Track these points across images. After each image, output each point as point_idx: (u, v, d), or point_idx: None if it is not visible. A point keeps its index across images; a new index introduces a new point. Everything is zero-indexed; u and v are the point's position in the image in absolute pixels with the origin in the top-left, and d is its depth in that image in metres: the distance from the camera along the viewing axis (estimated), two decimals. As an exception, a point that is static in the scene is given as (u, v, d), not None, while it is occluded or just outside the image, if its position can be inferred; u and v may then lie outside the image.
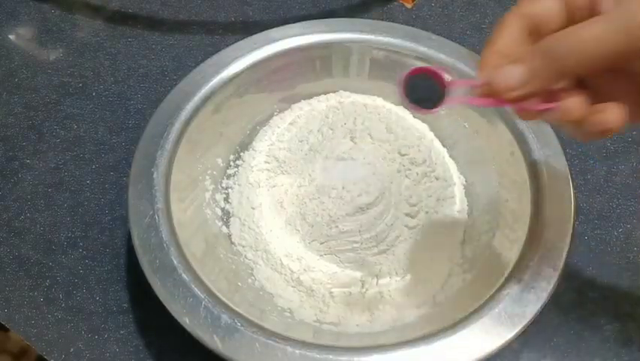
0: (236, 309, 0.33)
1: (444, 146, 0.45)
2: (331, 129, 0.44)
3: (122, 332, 0.39)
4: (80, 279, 0.41)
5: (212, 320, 0.32)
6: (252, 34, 0.45)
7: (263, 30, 0.45)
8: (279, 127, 0.45)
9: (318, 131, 0.44)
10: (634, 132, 0.48)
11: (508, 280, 0.34)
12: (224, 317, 0.32)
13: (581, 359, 0.38)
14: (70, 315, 0.39)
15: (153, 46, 0.54)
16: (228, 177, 0.44)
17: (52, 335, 0.38)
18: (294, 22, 0.45)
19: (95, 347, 0.38)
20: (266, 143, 0.45)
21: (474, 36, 0.54)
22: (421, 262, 0.39)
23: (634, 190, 0.45)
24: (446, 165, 0.44)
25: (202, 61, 0.43)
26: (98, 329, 0.39)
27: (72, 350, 0.38)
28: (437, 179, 0.43)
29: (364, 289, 0.38)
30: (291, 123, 0.46)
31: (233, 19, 0.56)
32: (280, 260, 0.39)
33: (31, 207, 0.44)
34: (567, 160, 0.39)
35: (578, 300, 0.40)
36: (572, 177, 0.38)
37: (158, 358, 0.38)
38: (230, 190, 0.43)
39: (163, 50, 0.54)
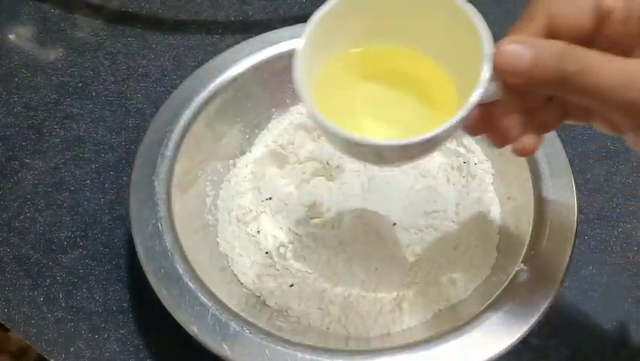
0: (244, 316, 0.33)
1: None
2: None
3: (122, 331, 0.39)
4: (79, 279, 0.41)
5: (221, 327, 0.32)
6: (251, 33, 0.45)
7: (263, 30, 0.45)
8: (277, 131, 0.45)
9: (318, 135, 0.44)
10: (634, 132, 0.48)
11: (514, 278, 0.34)
12: (233, 325, 0.32)
13: (581, 359, 0.38)
14: (70, 315, 0.39)
15: (153, 45, 0.54)
16: (228, 182, 0.43)
17: (52, 334, 0.38)
18: (294, 22, 0.46)
19: (95, 347, 0.38)
20: (265, 147, 0.45)
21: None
22: (425, 264, 0.39)
23: (634, 190, 0.45)
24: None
25: (202, 60, 0.44)
26: (98, 328, 0.39)
27: (72, 349, 0.38)
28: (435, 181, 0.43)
29: (374, 294, 0.38)
30: (289, 126, 0.45)
31: (233, 18, 0.56)
32: (283, 267, 0.39)
33: (31, 207, 0.44)
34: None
35: (578, 300, 0.40)
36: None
37: (158, 358, 0.38)
38: (230, 196, 0.43)
39: (163, 49, 0.54)
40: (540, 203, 0.37)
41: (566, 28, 0.25)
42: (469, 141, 0.44)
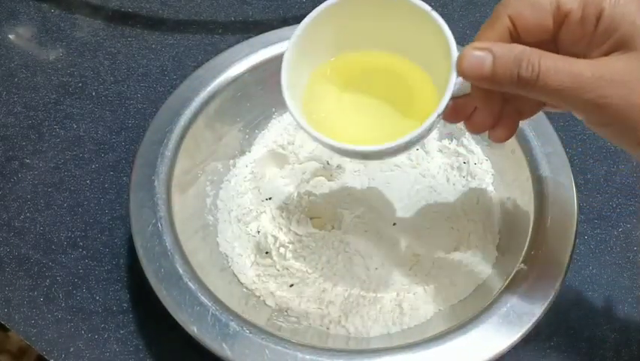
0: (244, 316, 0.33)
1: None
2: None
3: (122, 331, 0.39)
4: (79, 279, 0.41)
5: (221, 327, 0.32)
6: (251, 33, 0.45)
7: (263, 30, 0.45)
8: (277, 130, 0.45)
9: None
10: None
11: (514, 278, 0.34)
12: (233, 325, 0.32)
13: (580, 359, 0.38)
14: (70, 315, 0.39)
15: (153, 45, 0.54)
16: (228, 182, 0.43)
17: (52, 334, 0.38)
18: (294, 22, 0.45)
19: (95, 347, 0.38)
20: (265, 147, 0.45)
21: (474, 35, 0.54)
22: (425, 264, 0.39)
23: (634, 190, 0.45)
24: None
25: (202, 60, 0.44)
26: (98, 328, 0.39)
27: (72, 349, 0.38)
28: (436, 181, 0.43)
29: (374, 294, 0.38)
30: (289, 126, 0.45)
31: (233, 18, 0.56)
32: (283, 267, 0.39)
33: (31, 207, 0.44)
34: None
35: (578, 300, 0.40)
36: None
37: (158, 358, 0.38)
38: (230, 196, 0.43)
39: (163, 49, 0.54)
40: (540, 203, 0.37)
41: (528, 29, 0.27)
42: (469, 140, 0.44)
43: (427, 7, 0.28)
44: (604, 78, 0.24)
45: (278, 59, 0.44)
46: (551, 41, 0.28)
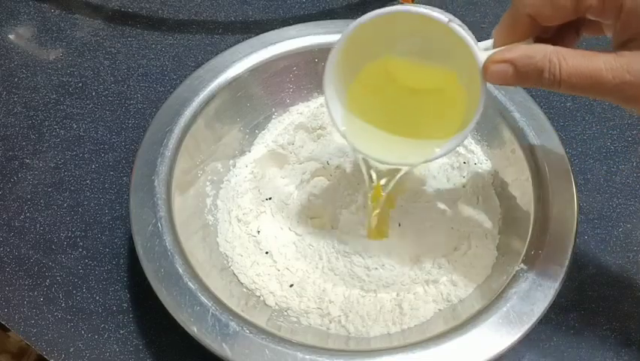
0: (244, 316, 0.33)
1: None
2: (330, 133, 0.44)
3: (122, 331, 0.39)
4: (79, 279, 0.41)
5: (221, 327, 0.32)
6: (251, 33, 0.45)
7: (263, 30, 0.45)
8: (277, 130, 0.45)
9: (318, 135, 0.44)
10: (634, 132, 0.48)
11: (514, 278, 0.34)
12: (233, 325, 0.32)
13: (580, 358, 0.38)
14: (70, 315, 0.39)
15: (153, 45, 0.54)
16: (228, 182, 0.43)
17: (52, 334, 0.38)
18: (294, 22, 0.45)
19: (95, 347, 0.38)
20: (265, 147, 0.45)
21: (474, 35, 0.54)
22: (426, 264, 0.39)
23: (634, 190, 0.45)
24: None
25: (202, 60, 0.44)
26: (98, 328, 0.39)
27: (72, 349, 0.38)
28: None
29: (374, 294, 0.38)
30: (289, 126, 0.45)
31: (233, 18, 0.56)
32: (283, 267, 0.39)
33: (31, 207, 0.44)
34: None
35: (578, 300, 0.40)
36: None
37: (158, 358, 0.38)
38: (230, 196, 0.43)
39: (163, 49, 0.54)
40: (540, 203, 0.37)
41: (549, 22, 0.29)
42: (469, 140, 0.44)
43: (445, 19, 0.30)
44: (625, 82, 0.26)
45: (278, 59, 0.45)
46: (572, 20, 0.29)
